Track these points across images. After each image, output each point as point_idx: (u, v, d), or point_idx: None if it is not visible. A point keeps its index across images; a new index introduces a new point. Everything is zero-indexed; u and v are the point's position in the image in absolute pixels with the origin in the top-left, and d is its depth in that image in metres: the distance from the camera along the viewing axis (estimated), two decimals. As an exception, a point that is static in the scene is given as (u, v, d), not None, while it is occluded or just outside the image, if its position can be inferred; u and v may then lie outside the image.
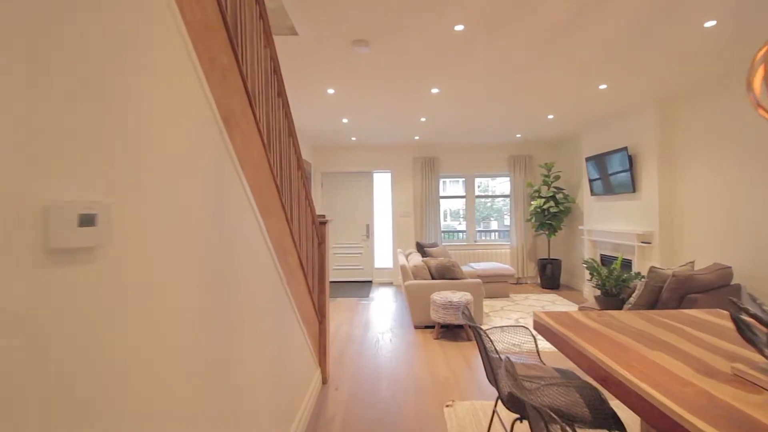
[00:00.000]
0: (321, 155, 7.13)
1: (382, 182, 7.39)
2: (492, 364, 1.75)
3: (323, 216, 3.01)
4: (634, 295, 3.39)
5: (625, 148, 4.53)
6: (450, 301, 3.85)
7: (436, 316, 3.92)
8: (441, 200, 7.07)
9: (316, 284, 2.87)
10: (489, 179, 11.42)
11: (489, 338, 1.56)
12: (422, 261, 4.56)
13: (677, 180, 4.12)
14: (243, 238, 1.42)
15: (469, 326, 1.76)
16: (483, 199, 9.47)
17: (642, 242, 4.39)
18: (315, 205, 7.13)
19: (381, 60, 3.06)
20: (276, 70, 1.88)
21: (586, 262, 3.23)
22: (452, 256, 6.41)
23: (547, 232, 6.34)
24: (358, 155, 7.11)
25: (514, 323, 4.15)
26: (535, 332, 3.31)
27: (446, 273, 4.37)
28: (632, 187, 4.55)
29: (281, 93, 1.99)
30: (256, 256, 1.57)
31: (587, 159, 5.38)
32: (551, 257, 6.77)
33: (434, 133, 5.89)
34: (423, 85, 3.65)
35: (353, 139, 6.34)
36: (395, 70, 3.29)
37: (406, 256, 5.56)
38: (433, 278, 4.48)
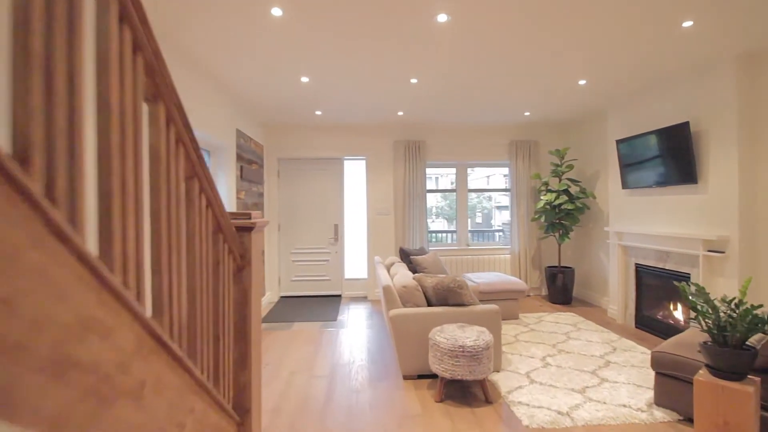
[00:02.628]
0: (276, 136, 5.59)
1: (354, 171, 5.94)
2: None
3: (248, 215, 1.58)
4: (754, 339, 2.19)
5: (686, 124, 3.35)
6: (461, 346, 2.50)
7: (440, 368, 2.57)
8: (428, 195, 5.74)
9: (229, 352, 1.43)
10: (467, 171, 10.15)
11: None
12: (414, 279, 3.19)
13: (766, 166, 2.97)
14: None
15: None
16: (452, 195, 8.21)
17: (710, 251, 3.23)
18: (270, 199, 5.57)
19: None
20: None
21: (689, 292, 1.97)
22: (444, 265, 5.09)
23: (558, 234, 5.15)
24: (324, 136, 5.63)
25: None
26: None
27: (450, 297, 3.03)
28: (693, 176, 3.38)
29: None
30: None
31: (619, 141, 4.20)
32: (562, 265, 5.60)
33: (424, 104, 4.52)
34: (425, 2, 2.28)
35: (318, 113, 4.88)
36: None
37: (388, 268, 4.18)
38: (429, 304, 3.13)
